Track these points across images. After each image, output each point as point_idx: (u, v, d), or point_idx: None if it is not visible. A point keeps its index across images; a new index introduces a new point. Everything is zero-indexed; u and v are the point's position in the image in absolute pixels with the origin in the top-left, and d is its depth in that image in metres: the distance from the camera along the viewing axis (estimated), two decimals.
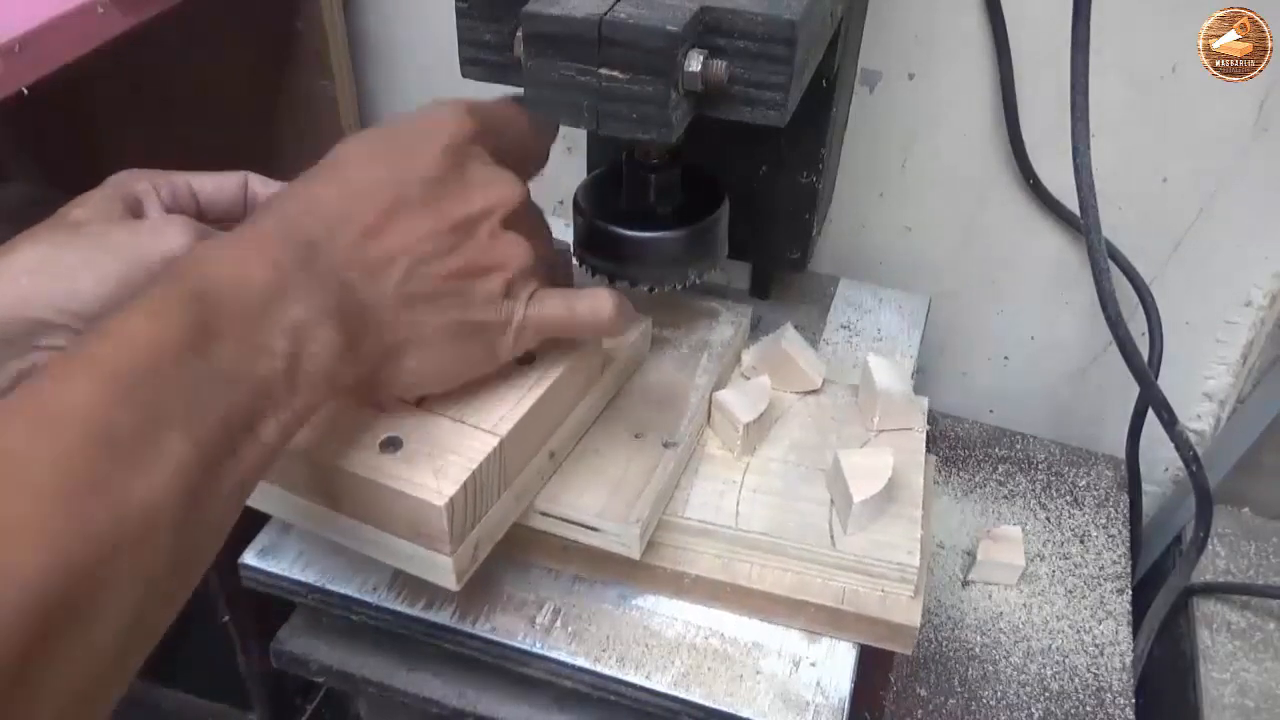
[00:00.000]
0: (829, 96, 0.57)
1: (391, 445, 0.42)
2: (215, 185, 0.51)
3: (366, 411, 0.44)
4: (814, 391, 0.59)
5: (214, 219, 0.50)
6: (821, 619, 0.51)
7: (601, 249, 0.52)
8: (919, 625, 0.50)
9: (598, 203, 0.52)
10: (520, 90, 0.44)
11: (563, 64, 0.41)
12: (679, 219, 0.51)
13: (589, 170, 0.63)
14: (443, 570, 0.43)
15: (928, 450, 0.56)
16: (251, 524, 0.57)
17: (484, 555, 0.46)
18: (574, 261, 0.54)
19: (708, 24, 0.42)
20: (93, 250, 0.42)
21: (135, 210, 0.48)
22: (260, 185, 0.52)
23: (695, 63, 0.41)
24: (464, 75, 0.47)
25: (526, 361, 0.47)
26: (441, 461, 0.42)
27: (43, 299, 0.41)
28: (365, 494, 0.42)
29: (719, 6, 0.41)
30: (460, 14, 0.45)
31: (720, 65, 0.41)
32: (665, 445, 0.52)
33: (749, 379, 0.59)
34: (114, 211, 0.47)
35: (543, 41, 0.41)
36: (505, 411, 0.45)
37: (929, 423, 0.58)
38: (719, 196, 0.52)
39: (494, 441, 0.43)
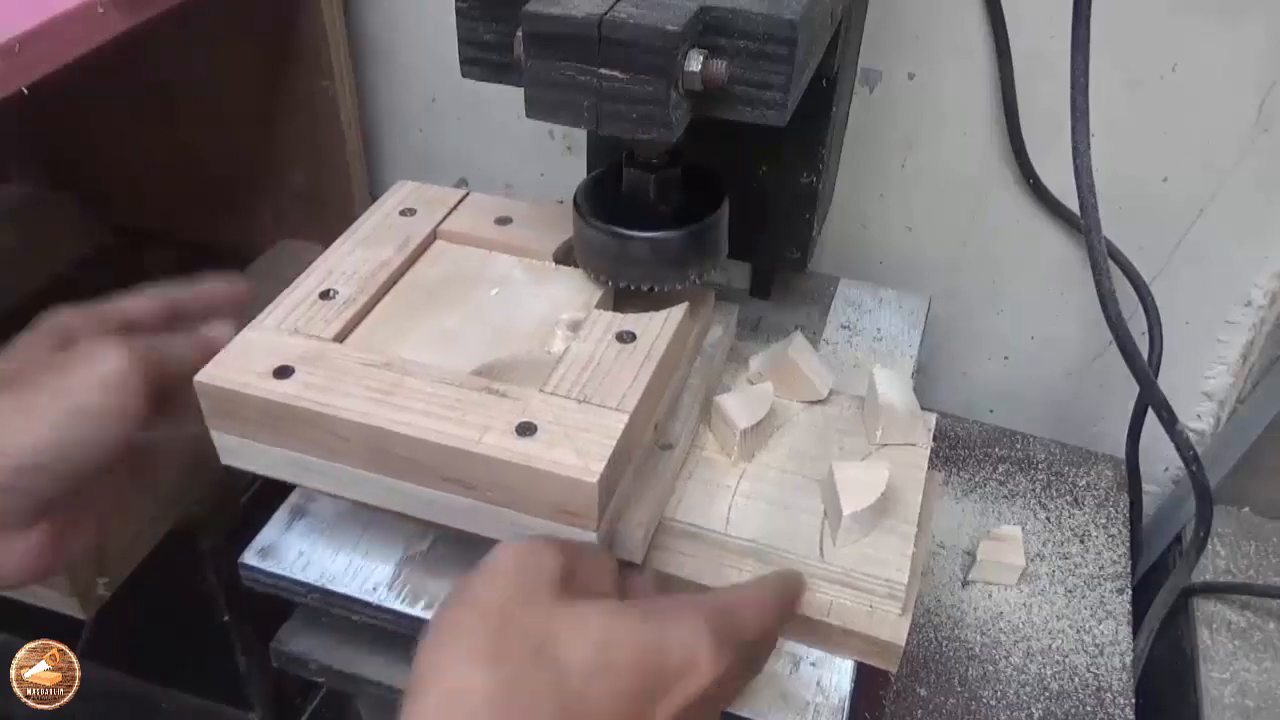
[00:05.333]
0: (829, 96, 0.57)
1: (528, 430, 0.43)
2: (150, 306, 0.49)
3: (491, 399, 0.44)
4: (820, 401, 0.59)
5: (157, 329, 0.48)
6: (808, 630, 0.51)
7: (601, 249, 0.51)
8: (904, 644, 0.49)
9: (597, 202, 0.52)
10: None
11: (563, 64, 0.41)
12: (679, 219, 0.51)
13: (589, 170, 0.63)
14: None
15: (931, 461, 0.56)
16: (252, 524, 0.57)
17: (615, 530, 0.47)
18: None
19: (708, 23, 0.41)
20: (24, 397, 0.40)
21: (67, 345, 0.45)
22: (225, 285, 0.50)
23: (695, 62, 0.41)
24: (464, 75, 0.47)
25: (628, 340, 0.48)
26: (580, 441, 0.42)
27: None
28: (508, 478, 0.42)
29: (719, 6, 0.41)
30: (460, 14, 0.45)
31: (720, 65, 0.41)
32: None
33: (754, 384, 0.59)
34: (42, 351, 0.44)
35: (543, 41, 0.41)
36: (625, 389, 0.45)
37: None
38: (719, 196, 0.52)
39: (624, 418, 0.44)
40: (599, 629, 0.35)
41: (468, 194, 0.59)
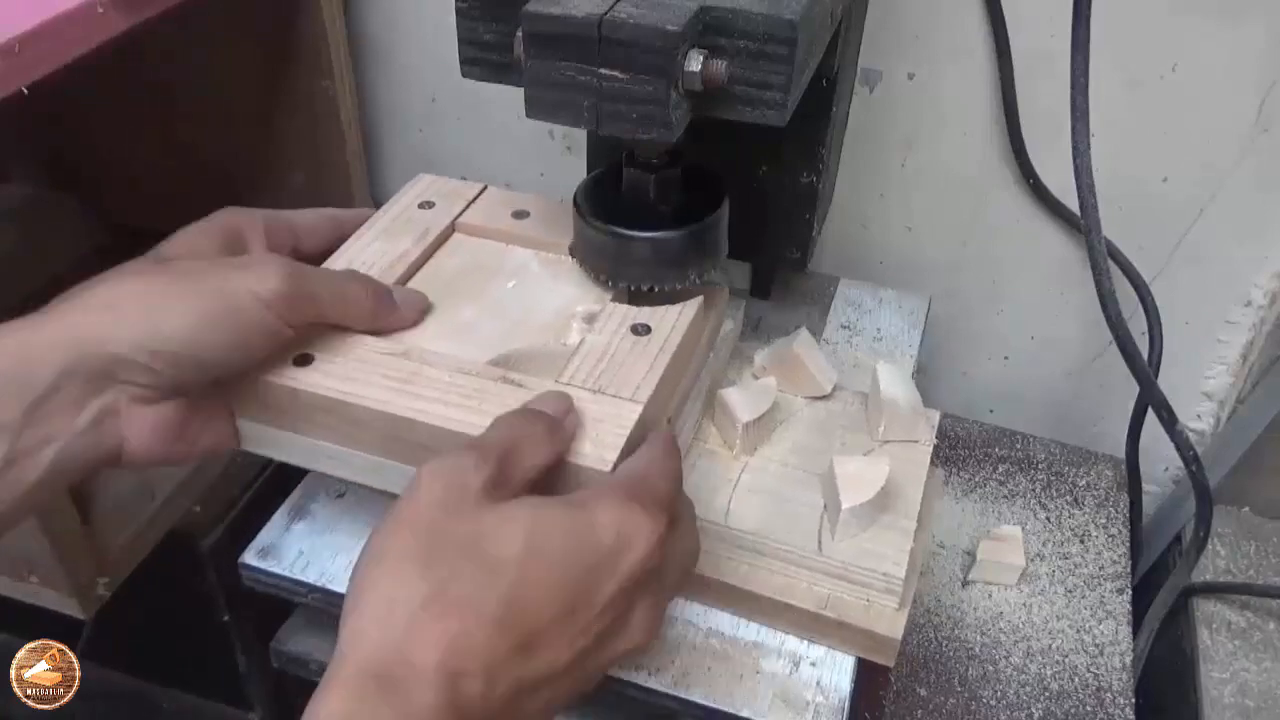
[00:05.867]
0: (829, 96, 0.57)
1: None
2: (311, 221, 0.52)
3: (507, 388, 0.45)
4: (824, 397, 0.59)
5: (308, 254, 0.51)
6: (804, 623, 0.51)
7: (600, 249, 0.52)
8: (901, 638, 0.49)
9: (597, 202, 0.52)
10: None
11: (563, 64, 0.41)
12: (679, 219, 0.51)
13: (589, 170, 0.63)
14: None
15: (933, 459, 0.56)
16: (252, 524, 0.57)
17: None
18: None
19: (708, 23, 0.41)
20: (179, 286, 0.41)
21: (236, 246, 0.47)
22: (348, 216, 0.54)
23: (695, 62, 0.41)
24: (464, 75, 0.47)
25: (643, 332, 0.49)
26: (595, 430, 0.43)
27: (122, 335, 0.39)
28: None
29: (719, 6, 0.41)
30: (460, 14, 0.45)
31: (720, 65, 0.41)
32: None
33: (759, 379, 0.59)
34: (211, 246, 0.46)
35: (543, 41, 0.41)
36: (640, 380, 0.46)
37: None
38: (719, 196, 0.52)
39: (638, 409, 0.44)
40: (526, 520, 0.36)
41: (485, 188, 0.60)
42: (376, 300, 0.48)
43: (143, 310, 0.40)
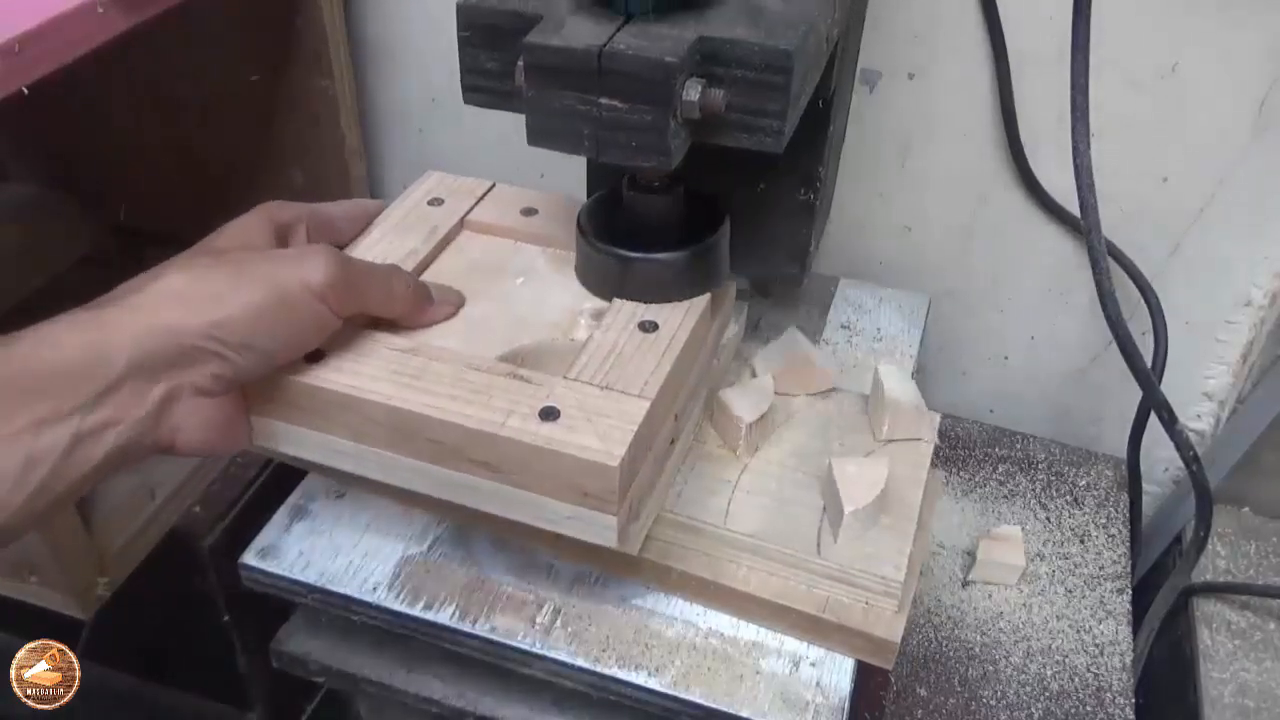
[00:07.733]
0: (826, 116, 0.57)
1: (551, 414, 0.44)
2: (348, 212, 0.55)
3: (516, 384, 0.45)
4: (825, 398, 0.59)
5: (343, 247, 0.53)
6: (803, 626, 0.51)
7: (602, 269, 0.52)
8: (899, 641, 0.49)
9: (599, 224, 0.52)
10: None
11: (563, 93, 0.42)
12: (679, 240, 0.51)
13: (589, 172, 0.63)
14: (605, 528, 0.44)
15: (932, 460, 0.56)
16: (252, 524, 0.57)
17: (638, 514, 0.47)
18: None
19: (705, 53, 0.42)
20: (239, 276, 0.42)
21: (283, 238, 0.49)
22: (376, 207, 0.57)
23: (694, 91, 0.41)
24: (466, 102, 0.48)
25: (650, 329, 0.49)
26: (602, 426, 0.43)
27: (192, 324, 0.40)
28: (531, 461, 0.43)
29: (716, 36, 0.42)
30: (462, 43, 0.46)
31: (718, 94, 0.42)
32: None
33: (758, 379, 0.59)
34: (260, 238, 0.47)
35: (543, 71, 0.42)
36: (647, 376, 0.46)
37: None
38: (720, 216, 0.53)
39: (646, 405, 0.45)
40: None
41: (494, 185, 0.60)
42: (416, 295, 0.49)
43: (210, 300, 0.41)
